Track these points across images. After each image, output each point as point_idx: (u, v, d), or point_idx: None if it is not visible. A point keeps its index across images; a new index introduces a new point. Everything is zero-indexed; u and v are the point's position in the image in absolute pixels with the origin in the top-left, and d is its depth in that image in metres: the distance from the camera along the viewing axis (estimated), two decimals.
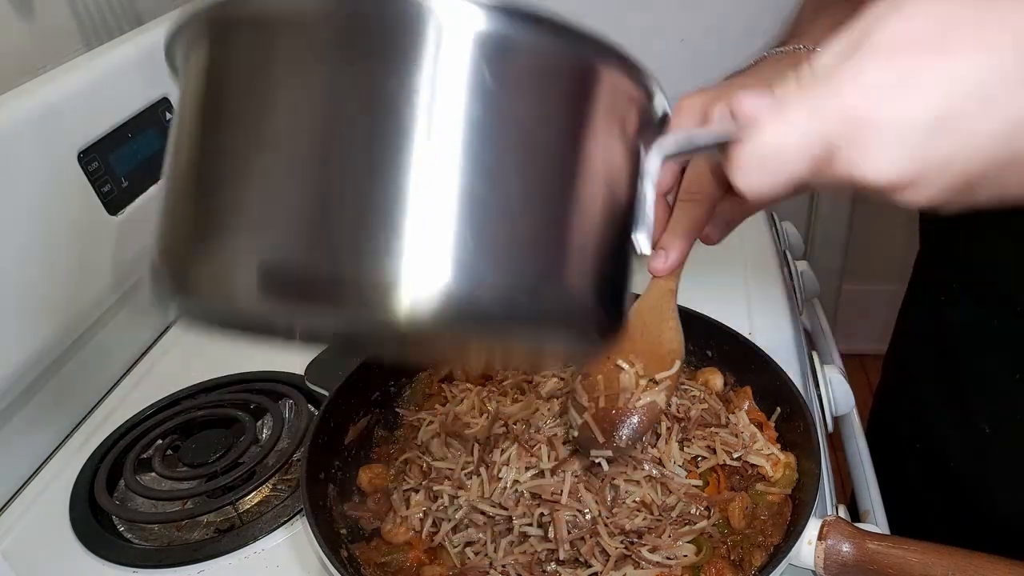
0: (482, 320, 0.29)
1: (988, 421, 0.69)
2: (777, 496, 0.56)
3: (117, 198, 0.79)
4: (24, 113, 0.71)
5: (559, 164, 0.30)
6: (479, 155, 0.28)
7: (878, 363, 0.95)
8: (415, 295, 0.27)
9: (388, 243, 0.27)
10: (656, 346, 0.54)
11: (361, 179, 0.27)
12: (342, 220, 0.27)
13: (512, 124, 0.29)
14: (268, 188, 0.28)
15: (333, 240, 0.27)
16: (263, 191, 0.28)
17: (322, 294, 0.27)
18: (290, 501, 0.64)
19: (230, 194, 0.29)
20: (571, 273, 0.31)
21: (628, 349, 0.54)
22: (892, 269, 2.05)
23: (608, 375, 0.54)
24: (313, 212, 0.28)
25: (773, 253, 0.91)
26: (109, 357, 0.83)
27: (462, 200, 0.27)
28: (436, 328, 0.28)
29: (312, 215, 0.28)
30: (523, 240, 0.29)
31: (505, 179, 0.28)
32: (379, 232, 0.27)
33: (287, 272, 0.27)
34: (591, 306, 0.32)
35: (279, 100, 0.29)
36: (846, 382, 0.81)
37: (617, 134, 0.33)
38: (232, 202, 0.29)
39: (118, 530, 0.65)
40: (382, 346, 0.48)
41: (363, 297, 0.27)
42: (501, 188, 0.28)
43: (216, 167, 0.29)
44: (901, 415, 0.87)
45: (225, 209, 0.29)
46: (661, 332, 0.54)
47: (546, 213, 0.30)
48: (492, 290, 0.28)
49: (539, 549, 0.52)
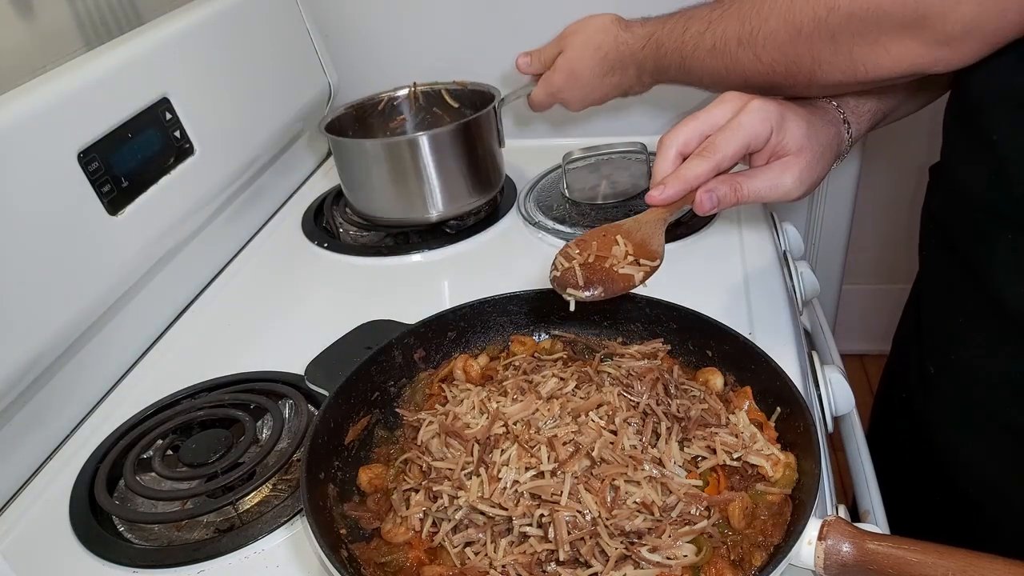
0: None
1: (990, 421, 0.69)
2: (777, 496, 0.56)
3: (117, 198, 0.79)
4: (24, 113, 0.71)
5: None
6: None
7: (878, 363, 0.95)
8: None
9: None
10: (646, 245, 0.63)
11: None
12: None
13: None
14: None
15: None
16: None
17: None
18: (290, 501, 0.64)
19: None
20: None
21: (624, 236, 0.64)
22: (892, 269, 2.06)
23: (602, 242, 0.63)
24: None
25: (773, 253, 0.91)
26: (109, 357, 0.83)
27: None
28: None
29: None
30: None
31: None
32: None
33: None
34: None
35: None
36: (846, 382, 0.81)
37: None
38: None
39: (118, 530, 0.65)
40: None
41: None
42: None
43: None
44: (900, 416, 0.87)
45: None
46: (651, 239, 0.63)
47: None
48: None
49: (539, 550, 0.52)
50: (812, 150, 0.64)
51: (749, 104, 0.62)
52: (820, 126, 0.66)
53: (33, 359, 0.69)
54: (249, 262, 1.03)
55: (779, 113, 0.62)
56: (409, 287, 0.94)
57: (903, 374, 0.86)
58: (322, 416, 0.62)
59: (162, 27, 0.91)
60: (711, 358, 0.69)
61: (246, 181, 1.03)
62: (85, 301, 0.75)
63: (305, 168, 1.25)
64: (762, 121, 0.61)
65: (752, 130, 0.61)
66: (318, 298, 0.94)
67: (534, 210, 1.05)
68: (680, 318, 0.71)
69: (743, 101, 0.63)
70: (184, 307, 0.94)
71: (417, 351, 0.72)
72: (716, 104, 0.64)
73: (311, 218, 1.10)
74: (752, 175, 0.64)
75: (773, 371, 0.63)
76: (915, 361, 0.81)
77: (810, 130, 0.65)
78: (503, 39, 1.23)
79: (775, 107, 0.62)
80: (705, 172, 0.61)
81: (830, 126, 0.68)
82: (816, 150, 0.65)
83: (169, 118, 0.88)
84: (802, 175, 0.64)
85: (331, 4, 1.25)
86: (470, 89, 1.09)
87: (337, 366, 0.72)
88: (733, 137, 0.61)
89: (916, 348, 0.81)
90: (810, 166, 0.64)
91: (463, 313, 0.74)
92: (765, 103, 0.62)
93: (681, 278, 0.87)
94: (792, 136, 0.63)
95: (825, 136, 0.66)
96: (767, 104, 0.62)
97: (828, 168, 0.68)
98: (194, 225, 0.92)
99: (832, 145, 0.67)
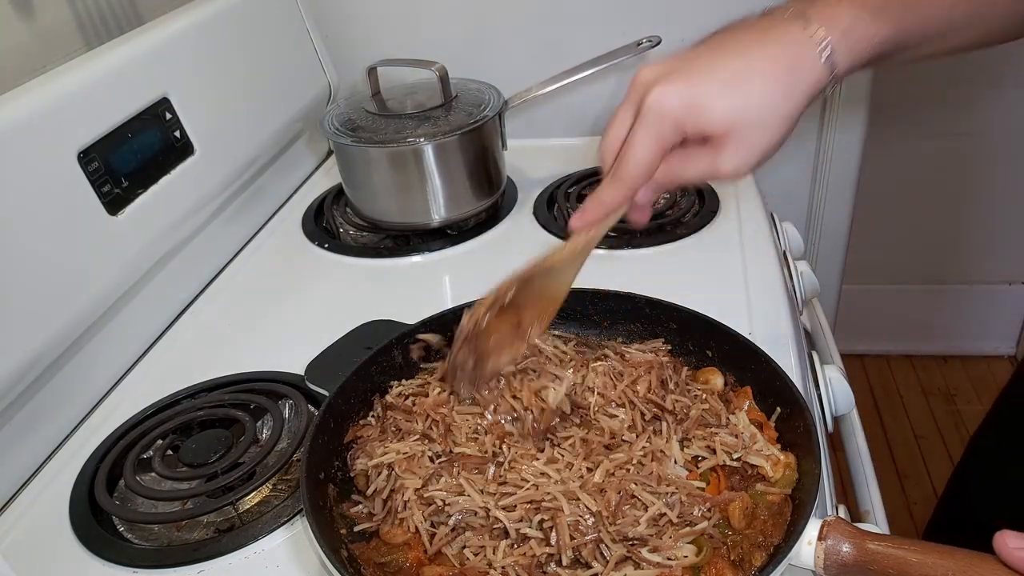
0: None
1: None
2: (777, 496, 0.56)
3: (117, 198, 0.79)
4: (24, 113, 0.71)
5: None
6: None
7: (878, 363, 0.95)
8: None
9: None
10: (544, 292, 0.60)
11: None
12: None
13: None
14: None
15: None
16: None
17: None
18: (290, 501, 0.64)
19: None
20: None
21: (522, 285, 0.59)
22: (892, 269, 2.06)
23: (498, 319, 0.61)
24: None
25: (773, 253, 0.91)
26: (109, 357, 0.83)
27: None
28: None
29: None
30: None
31: None
32: None
33: None
34: None
35: None
36: (846, 382, 0.81)
37: None
38: None
39: (118, 530, 0.65)
40: None
41: None
42: None
43: None
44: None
45: None
46: (561, 276, 0.60)
47: None
48: None
49: (539, 552, 0.52)
50: (747, 120, 0.50)
51: (643, 105, 0.51)
52: (765, 74, 0.50)
53: (33, 359, 0.69)
54: (249, 262, 1.03)
55: (686, 96, 0.50)
56: (409, 288, 0.94)
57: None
58: (322, 416, 0.62)
59: (162, 27, 0.91)
60: (711, 358, 0.69)
61: (246, 181, 1.03)
62: (85, 301, 0.75)
63: (305, 168, 1.25)
64: (662, 123, 0.50)
65: (658, 141, 0.51)
66: (318, 298, 0.93)
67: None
68: (680, 318, 0.71)
69: (639, 95, 0.52)
70: (184, 307, 0.94)
71: (417, 351, 0.72)
72: (622, 105, 0.54)
73: (311, 218, 1.10)
74: (685, 160, 0.53)
75: (773, 371, 0.63)
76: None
77: (742, 91, 0.50)
78: (505, 39, 1.23)
79: (676, 92, 0.50)
80: (621, 198, 0.54)
81: (786, 66, 0.50)
82: (755, 116, 0.50)
83: (169, 118, 0.88)
84: (739, 153, 0.51)
85: (331, 4, 1.25)
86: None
87: (337, 366, 0.72)
88: (639, 156, 0.51)
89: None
90: (749, 139, 0.51)
91: (463, 313, 0.74)
92: (662, 91, 0.50)
93: (681, 278, 0.87)
94: (712, 116, 0.50)
95: (774, 88, 0.50)
96: (665, 93, 0.50)
97: (789, 124, 0.52)
98: (194, 225, 0.92)
99: (791, 93, 0.50)
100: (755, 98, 0.50)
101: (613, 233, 0.61)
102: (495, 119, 1.00)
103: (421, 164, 0.97)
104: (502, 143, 1.05)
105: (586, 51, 1.02)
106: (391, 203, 1.01)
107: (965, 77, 1.73)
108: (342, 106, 1.06)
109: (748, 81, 0.50)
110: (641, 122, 0.51)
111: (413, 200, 0.99)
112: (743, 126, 0.50)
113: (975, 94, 1.75)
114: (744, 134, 0.50)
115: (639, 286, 0.74)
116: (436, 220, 1.00)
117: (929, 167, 1.86)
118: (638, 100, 0.51)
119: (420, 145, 0.96)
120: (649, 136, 0.51)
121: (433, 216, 1.00)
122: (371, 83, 1.06)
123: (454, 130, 0.96)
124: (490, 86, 1.06)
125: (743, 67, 0.50)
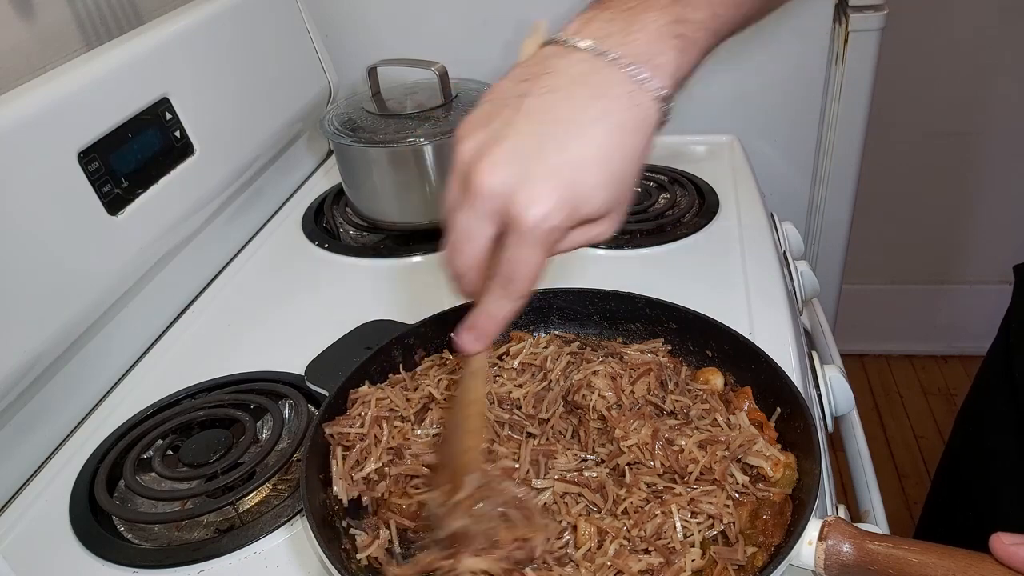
0: None
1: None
2: (777, 496, 0.56)
3: (117, 198, 0.79)
4: (24, 113, 0.71)
5: None
6: None
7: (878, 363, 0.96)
8: None
9: None
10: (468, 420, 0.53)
11: None
12: None
13: None
14: None
15: None
16: None
17: None
18: (290, 501, 0.64)
19: None
20: None
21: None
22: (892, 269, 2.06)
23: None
24: None
25: (773, 253, 0.91)
26: (109, 357, 0.83)
27: None
28: None
29: None
30: None
31: None
32: None
33: None
34: None
35: None
36: (846, 382, 0.81)
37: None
38: None
39: (118, 530, 0.65)
40: None
41: None
42: None
43: None
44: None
45: None
46: (465, 436, 0.53)
47: None
48: None
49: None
50: (622, 192, 0.48)
51: (519, 224, 0.45)
52: (623, 147, 0.47)
53: (33, 359, 0.69)
54: (249, 262, 1.03)
55: (565, 203, 0.45)
56: (409, 287, 0.94)
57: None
58: (322, 416, 0.62)
59: (162, 27, 0.91)
60: (711, 358, 0.69)
61: (246, 181, 1.03)
62: (85, 301, 0.75)
63: (305, 168, 1.25)
64: (550, 237, 0.46)
65: (546, 252, 0.47)
66: (318, 298, 0.93)
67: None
68: (680, 318, 0.71)
69: (495, 206, 0.46)
70: (184, 307, 0.94)
71: (417, 351, 0.72)
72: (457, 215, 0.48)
73: (311, 218, 1.10)
74: (562, 240, 0.48)
75: (773, 371, 0.63)
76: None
77: (608, 174, 0.46)
78: (505, 39, 1.23)
79: (555, 204, 0.45)
80: (515, 311, 0.49)
81: (633, 126, 0.47)
82: (627, 186, 0.48)
83: (169, 118, 0.88)
84: (617, 219, 0.49)
85: (331, 4, 1.25)
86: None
87: (337, 366, 0.72)
88: (531, 271, 0.47)
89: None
90: (623, 204, 0.49)
91: (463, 313, 0.74)
92: (539, 208, 0.44)
93: (681, 278, 0.87)
94: (593, 208, 0.47)
95: (633, 153, 0.47)
96: (544, 209, 0.44)
97: (637, 167, 0.48)
98: (194, 225, 0.92)
99: (645, 146, 0.48)
100: (620, 172, 0.47)
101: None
102: None
103: (421, 164, 0.97)
104: None
105: None
106: (391, 203, 1.01)
107: (965, 77, 1.73)
108: (342, 106, 1.06)
109: (608, 159, 0.46)
110: (525, 241, 0.45)
111: (413, 200, 0.99)
112: (619, 201, 0.48)
113: (975, 94, 1.75)
114: (619, 206, 0.48)
115: (639, 286, 0.74)
116: (436, 220, 1.00)
117: (929, 167, 1.86)
118: (497, 210, 0.46)
119: (420, 145, 0.96)
120: (539, 253, 0.46)
121: (433, 216, 1.00)
122: (371, 83, 1.06)
123: (454, 130, 0.96)
124: (490, 86, 1.06)
125: (595, 145, 0.46)
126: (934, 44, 1.70)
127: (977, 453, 0.86)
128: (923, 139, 1.82)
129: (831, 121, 1.28)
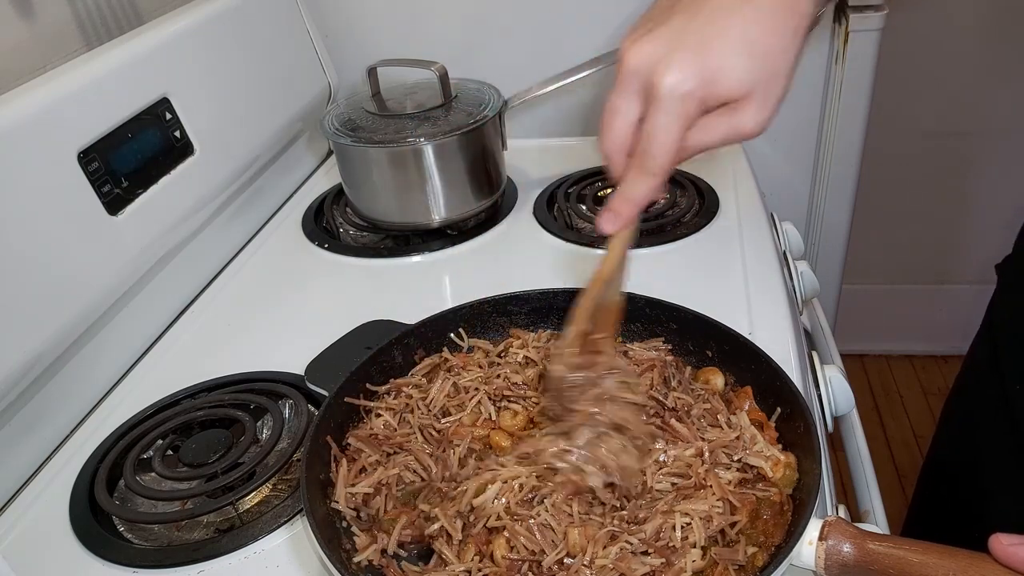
0: None
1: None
2: (778, 496, 0.56)
3: (117, 198, 0.79)
4: (24, 113, 0.71)
5: None
6: None
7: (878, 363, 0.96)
8: None
9: None
10: (609, 307, 0.59)
11: None
12: None
13: None
14: None
15: None
16: None
17: None
18: (290, 501, 0.64)
19: None
20: None
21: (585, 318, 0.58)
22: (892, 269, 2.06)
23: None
24: None
25: (773, 253, 0.91)
26: (109, 357, 0.83)
27: None
28: None
29: None
30: None
31: None
32: None
33: None
34: None
35: None
36: (846, 382, 0.81)
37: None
38: None
39: (118, 530, 0.65)
40: None
41: None
42: None
43: None
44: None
45: None
46: (613, 295, 0.59)
47: None
48: None
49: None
50: (764, 76, 0.49)
51: (657, 91, 0.48)
52: (764, 24, 0.48)
53: (33, 359, 0.69)
54: (249, 262, 1.03)
55: (702, 72, 0.48)
56: (409, 287, 0.94)
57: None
58: (322, 416, 0.62)
59: (162, 27, 0.91)
60: (711, 358, 0.69)
61: (246, 181, 1.03)
62: (85, 301, 0.75)
63: (305, 168, 1.25)
64: (685, 105, 0.48)
65: (683, 124, 0.49)
66: (318, 298, 0.93)
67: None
68: (680, 318, 0.71)
69: (640, 81, 0.49)
70: (184, 307, 0.94)
71: (417, 351, 0.72)
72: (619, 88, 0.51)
73: (311, 218, 1.10)
74: (703, 128, 0.51)
75: (773, 371, 0.63)
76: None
77: (750, 49, 0.48)
78: (505, 39, 1.23)
79: (691, 71, 0.48)
80: (653, 191, 0.52)
81: (780, 6, 0.49)
82: (770, 69, 0.49)
83: (169, 118, 0.88)
84: (761, 109, 0.50)
85: (331, 4, 1.25)
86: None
87: (337, 366, 0.72)
88: (667, 144, 0.49)
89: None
90: (767, 93, 0.49)
91: (463, 313, 0.74)
92: (676, 74, 0.48)
93: (681, 278, 0.87)
94: (732, 84, 0.48)
95: (778, 34, 0.49)
96: (681, 75, 0.47)
97: (796, 63, 0.50)
98: (194, 225, 0.92)
99: (793, 32, 0.49)
100: (764, 50, 0.48)
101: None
102: (495, 119, 1.01)
103: (421, 164, 0.97)
104: (502, 143, 1.05)
105: (586, 51, 1.02)
106: (391, 203, 1.01)
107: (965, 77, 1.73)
108: (342, 106, 1.06)
109: (751, 36, 0.48)
110: (661, 108, 0.48)
111: (413, 200, 0.99)
112: (761, 83, 0.49)
113: (975, 94, 1.75)
114: (762, 90, 0.49)
115: (639, 286, 0.74)
116: (436, 220, 1.00)
117: (929, 167, 1.86)
118: (641, 85, 0.49)
119: (420, 145, 0.96)
120: (674, 122, 0.48)
121: (433, 216, 1.00)
122: (371, 83, 1.06)
123: (454, 130, 0.96)
124: (490, 86, 1.06)
125: (739, 23, 0.48)
126: (934, 44, 1.70)
127: (965, 452, 0.85)
128: (923, 139, 1.82)
129: (831, 121, 1.28)
